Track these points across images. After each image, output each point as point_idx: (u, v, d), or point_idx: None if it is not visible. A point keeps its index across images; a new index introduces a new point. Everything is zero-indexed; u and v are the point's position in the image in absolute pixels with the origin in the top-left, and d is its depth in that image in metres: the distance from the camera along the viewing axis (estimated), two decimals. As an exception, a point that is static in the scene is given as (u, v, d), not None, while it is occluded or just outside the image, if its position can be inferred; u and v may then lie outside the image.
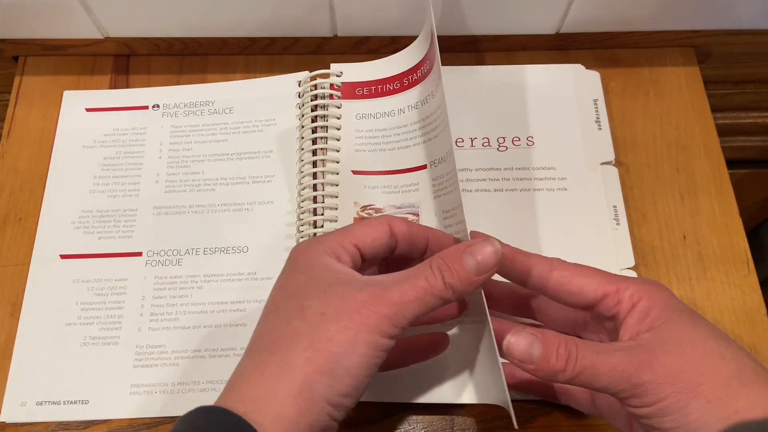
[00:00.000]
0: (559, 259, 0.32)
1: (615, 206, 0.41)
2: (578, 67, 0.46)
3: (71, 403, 0.38)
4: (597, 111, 0.45)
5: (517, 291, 0.35)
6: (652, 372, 0.27)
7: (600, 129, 0.44)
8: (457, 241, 0.33)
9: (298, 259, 0.31)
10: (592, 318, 0.33)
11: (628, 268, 0.40)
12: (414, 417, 0.37)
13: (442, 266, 0.28)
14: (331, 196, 0.41)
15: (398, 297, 0.27)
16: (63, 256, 0.41)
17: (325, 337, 0.27)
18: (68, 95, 0.46)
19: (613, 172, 0.43)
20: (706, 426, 0.26)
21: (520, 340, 0.28)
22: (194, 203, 0.43)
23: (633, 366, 0.27)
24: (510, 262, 0.31)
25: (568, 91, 0.45)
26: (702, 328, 0.28)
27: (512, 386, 0.35)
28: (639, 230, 0.42)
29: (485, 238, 0.30)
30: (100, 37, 0.46)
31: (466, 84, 0.45)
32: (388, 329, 0.27)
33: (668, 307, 0.29)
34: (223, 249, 0.41)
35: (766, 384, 0.27)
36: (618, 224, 0.41)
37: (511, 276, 0.32)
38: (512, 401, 0.31)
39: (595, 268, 0.31)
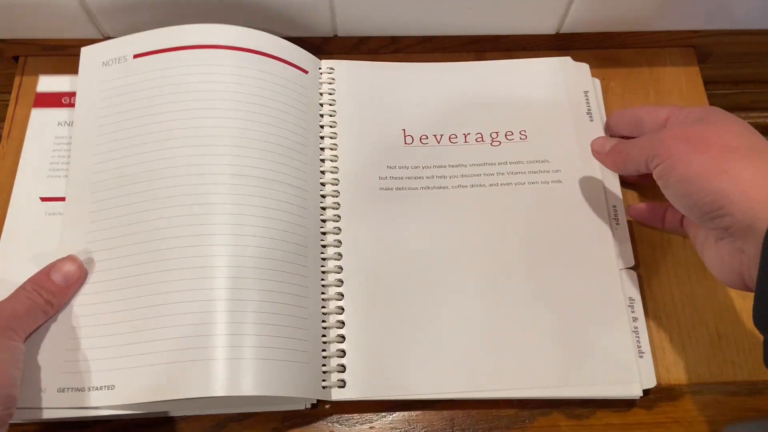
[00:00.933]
0: (648, 105, 0.44)
1: (615, 206, 0.41)
2: (566, 60, 0.46)
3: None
4: (588, 103, 0.45)
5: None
6: (669, 131, 0.33)
7: (592, 120, 0.44)
8: None
9: None
10: None
11: (628, 268, 0.40)
12: (414, 417, 0.37)
13: (35, 286, 0.34)
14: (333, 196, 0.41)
15: (10, 313, 0.33)
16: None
17: None
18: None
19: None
20: (701, 177, 0.30)
21: (600, 139, 0.40)
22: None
23: (660, 133, 0.34)
24: (627, 116, 0.41)
25: (558, 84, 0.45)
26: (736, 121, 0.33)
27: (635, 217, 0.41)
28: (639, 230, 0.42)
29: (69, 256, 0.36)
30: (100, 37, 0.46)
31: (458, 80, 0.46)
32: (12, 335, 0.33)
33: (719, 111, 0.34)
34: None
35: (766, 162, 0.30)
36: (618, 224, 0.41)
37: (631, 123, 0.40)
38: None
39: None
